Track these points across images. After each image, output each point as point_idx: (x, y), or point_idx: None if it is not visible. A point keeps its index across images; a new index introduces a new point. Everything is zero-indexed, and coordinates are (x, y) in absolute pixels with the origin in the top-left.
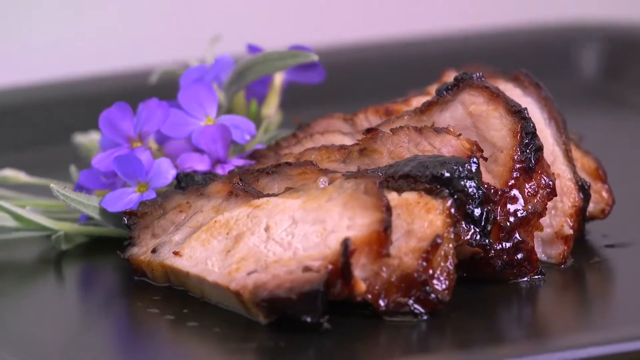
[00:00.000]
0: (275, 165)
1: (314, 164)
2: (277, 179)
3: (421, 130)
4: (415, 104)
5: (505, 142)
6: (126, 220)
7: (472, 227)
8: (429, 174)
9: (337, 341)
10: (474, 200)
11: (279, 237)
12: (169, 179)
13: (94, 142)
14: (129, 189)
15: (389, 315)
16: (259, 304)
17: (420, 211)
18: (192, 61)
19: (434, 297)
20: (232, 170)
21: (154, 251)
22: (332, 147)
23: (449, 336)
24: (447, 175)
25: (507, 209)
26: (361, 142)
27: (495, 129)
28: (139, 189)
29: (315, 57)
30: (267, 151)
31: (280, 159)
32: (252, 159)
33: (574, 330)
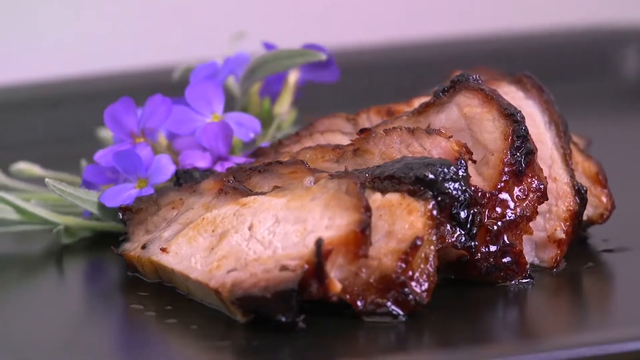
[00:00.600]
0: (267, 163)
1: (304, 163)
2: (269, 177)
3: (413, 131)
4: (416, 105)
5: (496, 144)
6: (122, 215)
7: (457, 229)
8: (413, 176)
9: (312, 341)
10: (459, 202)
11: (261, 235)
12: (168, 175)
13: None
14: (129, 184)
15: (367, 315)
16: (234, 303)
17: (402, 212)
18: (216, 58)
19: (412, 298)
20: (230, 167)
21: (144, 247)
22: (326, 147)
23: (427, 336)
24: (430, 177)
25: (495, 211)
26: (355, 142)
27: (488, 131)
28: (139, 184)
29: (323, 57)
30: (269, 149)
31: (279, 157)
32: (253, 157)
33: (561, 331)
